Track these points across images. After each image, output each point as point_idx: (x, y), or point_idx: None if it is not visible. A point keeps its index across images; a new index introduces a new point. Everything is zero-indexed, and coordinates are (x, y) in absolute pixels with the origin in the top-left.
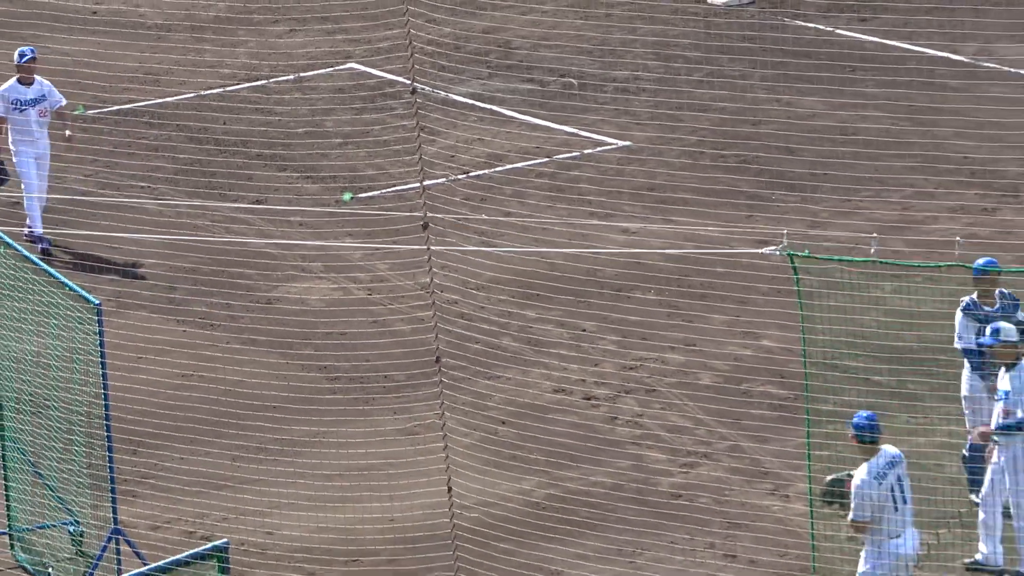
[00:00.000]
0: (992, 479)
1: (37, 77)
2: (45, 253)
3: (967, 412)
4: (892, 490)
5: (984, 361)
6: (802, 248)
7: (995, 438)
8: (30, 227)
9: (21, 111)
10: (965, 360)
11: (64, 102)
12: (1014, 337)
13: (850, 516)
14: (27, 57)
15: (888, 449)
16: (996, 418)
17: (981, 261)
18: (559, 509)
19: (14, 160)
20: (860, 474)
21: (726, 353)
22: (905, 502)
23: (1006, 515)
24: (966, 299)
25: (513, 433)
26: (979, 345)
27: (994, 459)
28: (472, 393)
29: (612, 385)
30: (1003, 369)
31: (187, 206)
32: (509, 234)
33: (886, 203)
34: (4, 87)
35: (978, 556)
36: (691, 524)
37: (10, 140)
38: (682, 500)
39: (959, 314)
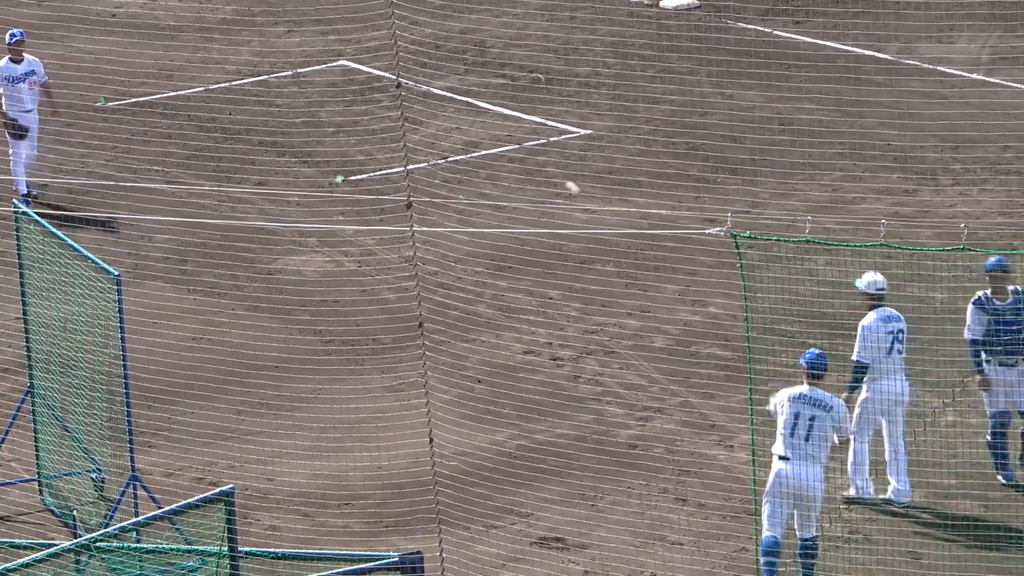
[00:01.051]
0: (860, 415)
1: (26, 55)
2: (30, 198)
3: (984, 396)
4: (797, 417)
5: (979, 351)
6: (744, 229)
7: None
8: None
9: (13, 84)
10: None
11: (47, 80)
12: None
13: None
14: (16, 38)
15: (824, 393)
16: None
17: (993, 259)
18: (529, 458)
19: (6, 127)
20: (787, 391)
21: (677, 319)
22: (806, 440)
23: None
24: (979, 293)
25: (487, 390)
26: None
27: (864, 395)
28: (451, 355)
29: (575, 347)
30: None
31: (197, 188)
32: (484, 213)
33: (819, 185)
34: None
35: (851, 491)
36: (646, 471)
37: (3, 107)
38: (638, 450)
39: (971, 307)
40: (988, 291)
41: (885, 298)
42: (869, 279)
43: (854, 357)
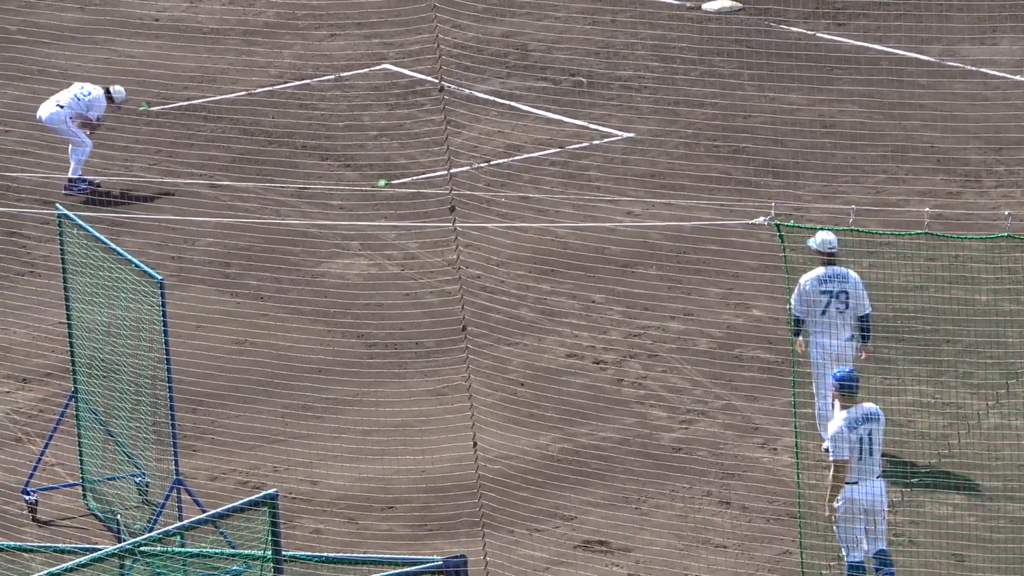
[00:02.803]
0: (815, 374)
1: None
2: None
3: None
4: (861, 441)
5: None
6: (788, 220)
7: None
8: (81, 178)
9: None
10: None
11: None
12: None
13: (830, 456)
14: (123, 99)
15: (867, 405)
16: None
17: None
18: (572, 461)
19: (71, 129)
20: (837, 420)
21: (720, 322)
22: (871, 454)
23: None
24: None
25: (530, 393)
26: None
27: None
28: (494, 358)
29: (618, 351)
30: None
31: (240, 191)
32: (526, 216)
33: (862, 187)
34: (99, 103)
35: (826, 445)
36: (690, 474)
37: (67, 115)
38: (681, 453)
39: None
40: None
41: (836, 257)
42: (822, 238)
43: (790, 307)
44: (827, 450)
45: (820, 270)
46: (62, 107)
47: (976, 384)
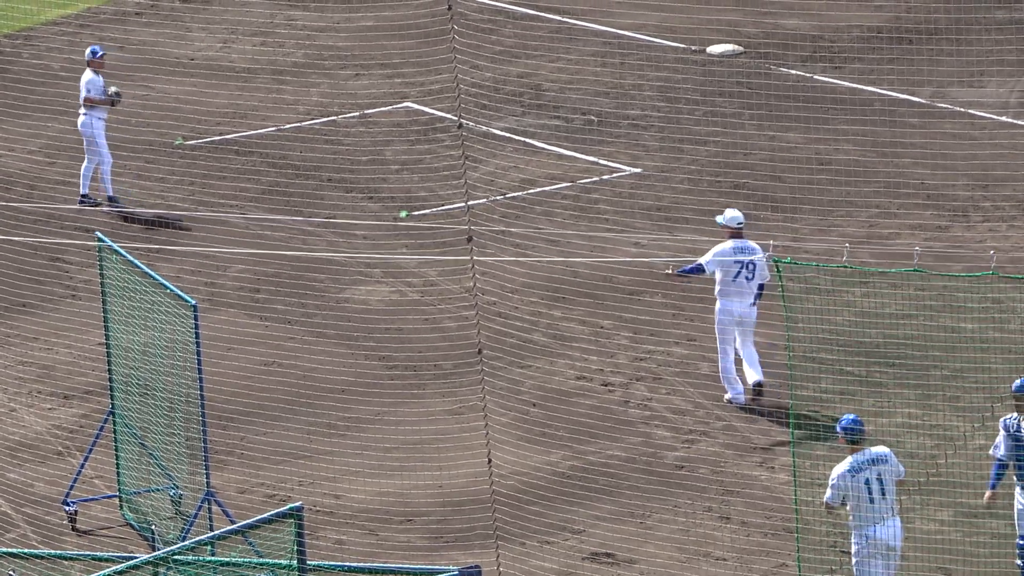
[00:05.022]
0: (719, 333)
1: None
2: (112, 201)
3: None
4: (868, 483)
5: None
6: (785, 256)
7: None
8: (104, 194)
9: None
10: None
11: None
12: None
13: (824, 498)
14: (99, 54)
15: (875, 449)
16: None
17: (1019, 381)
18: (581, 478)
19: (95, 133)
20: (842, 466)
21: None
22: (884, 495)
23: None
24: (1007, 417)
25: (542, 414)
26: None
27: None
28: (508, 380)
29: (625, 373)
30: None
31: (269, 221)
32: (539, 246)
33: (856, 221)
34: (87, 78)
35: (727, 396)
36: (692, 491)
37: (86, 117)
38: (684, 471)
39: (1000, 427)
40: (1015, 414)
41: (743, 233)
42: (730, 215)
43: (701, 260)
44: (730, 401)
45: (731, 242)
46: (84, 114)
47: (962, 407)
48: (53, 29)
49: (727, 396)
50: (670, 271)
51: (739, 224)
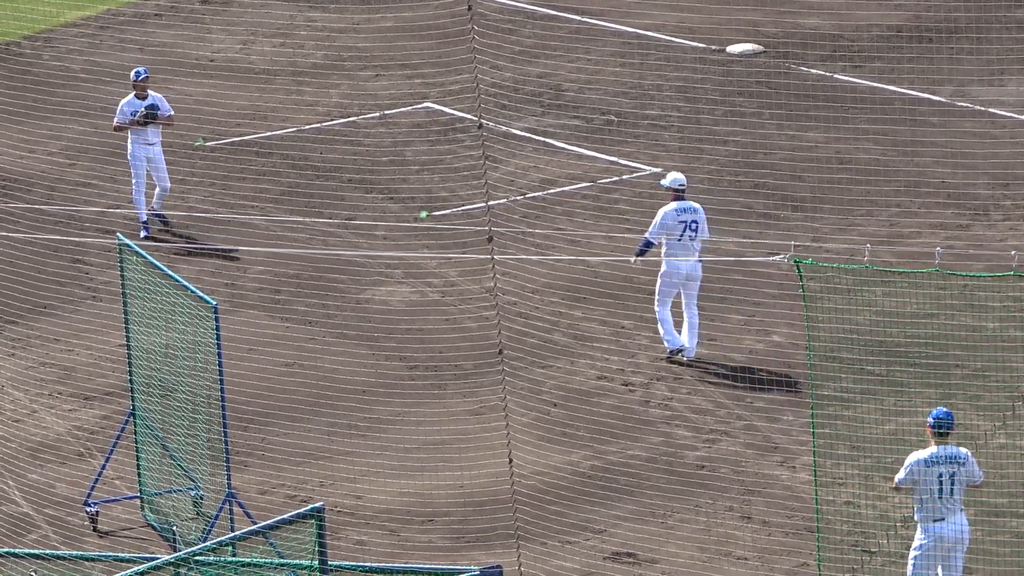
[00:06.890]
0: (661, 287)
1: (150, 91)
2: (148, 226)
3: None
4: (940, 478)
5: None
6: (806, 257)
7: None
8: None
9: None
10: None
11: (171, 112)
12: None
13: (896, 476)
14: (141, 76)
15: (957, 448)
16: None
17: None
18: (602, 478)
19: (129, 159)
20: (920, 453)
21: (742, 347)
22: (952, 494)
23: None
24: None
25: (563, 414)
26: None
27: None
28: (529, 380)
29: (646, 373)
30: None
31: (290, 222)
32: (560, 246)
33: (877, 220)
34: (124, 101)
35: (666, 346)
36: (713, 491)
37: (129, 142)
38: (705, 470)
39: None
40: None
41: (685, 194)
42: (673, 177)
43: (646, 235)
44: (670, 352)
45: (674, 204)
46: (151, 144)
47: (984, 406)
48: (73, 31)
49: (665, 346)
50: (633, 262)
51: (681, 186)
